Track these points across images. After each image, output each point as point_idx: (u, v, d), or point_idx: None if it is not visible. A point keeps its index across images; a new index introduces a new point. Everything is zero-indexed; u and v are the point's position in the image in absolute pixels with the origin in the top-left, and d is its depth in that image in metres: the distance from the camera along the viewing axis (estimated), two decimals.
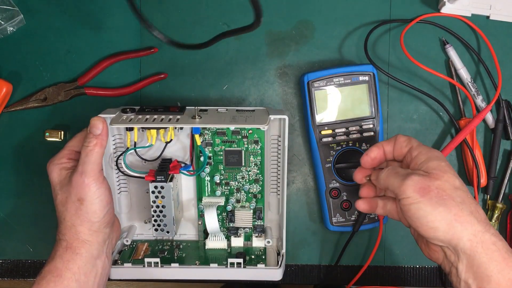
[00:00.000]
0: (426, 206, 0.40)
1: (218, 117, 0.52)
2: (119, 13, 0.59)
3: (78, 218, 0.48)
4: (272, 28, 0.60)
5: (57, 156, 0.51)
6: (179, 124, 0.50)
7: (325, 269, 0.62)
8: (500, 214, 0.60)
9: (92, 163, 0.48)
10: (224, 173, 0.57)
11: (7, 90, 0.57)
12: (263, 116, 0.52)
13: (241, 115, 0.53)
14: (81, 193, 0.47)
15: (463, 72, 0.59)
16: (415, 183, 0.41)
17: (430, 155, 0.43)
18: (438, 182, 0.41)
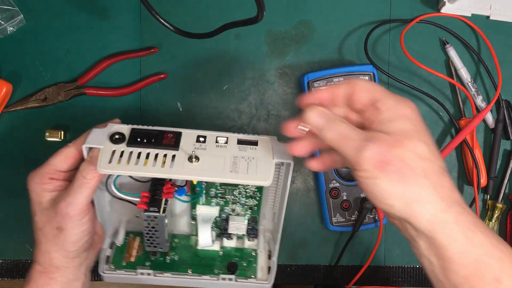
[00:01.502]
0: (383, 182, 0.34)
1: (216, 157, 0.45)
2: (119, 13, 0.59)
3: (55, 245, 0.45)
4: (272, 28, 0.60)
5: (38, 172, 0.46)
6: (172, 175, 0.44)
7: (325, 269, 0.62)
8: (500, 214, 0.60)
9: (83, 196, 0.44)
10: (220, 188, 0.53)
11: (7, 90, 0.57)
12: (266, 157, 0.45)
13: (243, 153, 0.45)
14: (63, 223, 0.44)
15: (463, 72, 0.60)
16: (374, 155, 0.34)
17: (397, 112, 0.36)
18: (400, 151, 0.34)
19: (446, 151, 0.59)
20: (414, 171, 0.34)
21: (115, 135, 0.45)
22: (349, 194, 0.58)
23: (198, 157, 0.44)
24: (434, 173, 0.34)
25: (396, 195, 0.34)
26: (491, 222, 0.60)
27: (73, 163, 0.46)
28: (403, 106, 0.36)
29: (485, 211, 0.61)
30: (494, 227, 0.60)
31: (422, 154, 0.34)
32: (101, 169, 0.43)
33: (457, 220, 0.34)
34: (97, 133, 0.45)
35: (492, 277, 0.33)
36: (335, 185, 0.58)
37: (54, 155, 0.46)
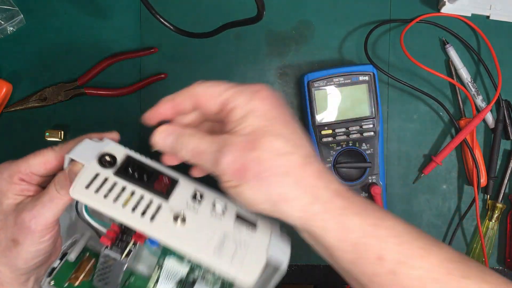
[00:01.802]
0: (246, 190, 0.32)
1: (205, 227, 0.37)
2: (119, 13, 0.59)
3: (3, 257, 0.38)
4: (272, 28, 0.60)
5: (9, 168, 0.40)
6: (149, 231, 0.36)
7: (325, 269, 0.62)
8: (500, 214, 0.60)
9: (51, 212, 0.37)
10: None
11: (7, 90, 0.57)
12: (259, 249, 0.38)
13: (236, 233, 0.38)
14: (20, 237, 0.37)
15: (463, 72, 0.59)
16: (230, 164, 0.32)
17: (248, 108, 0.33)
18: (255, 154, 0.32)
19: (446, 151, 0.59)
20: (273, 172, 0.32)
21: (106, 157, 0.38)
22: None
23: (185, 219, 0.37)
24: (296, 167, 0.32)
25: (261, 199, 0.33)
26: (491, 222, 0.60)
27: (52, 170, 0.40)
28: (254, 100, 0.33)
29: (485, 211, 0.61)
30: (494, 227, 0.60)
31: (279, 150, 0.32)
32: (73, 192, 0.36)
33: (326, 209, 0.33)
34: (88, 145, 0.39)
35: (374, 256, 0.32)
36: None
37: (34, 155, 0.40)
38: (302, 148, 0.33)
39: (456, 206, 0.62)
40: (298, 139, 0.33)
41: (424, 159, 0.61)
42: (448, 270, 0.31)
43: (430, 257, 0.32)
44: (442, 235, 0.62)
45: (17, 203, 0.38)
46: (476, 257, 0.60)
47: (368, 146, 0.57)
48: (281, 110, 0.34)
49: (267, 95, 0.34)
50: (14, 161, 0.40)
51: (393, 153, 0.61)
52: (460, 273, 0.31)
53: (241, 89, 0.34)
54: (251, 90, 0.34)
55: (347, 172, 0.58)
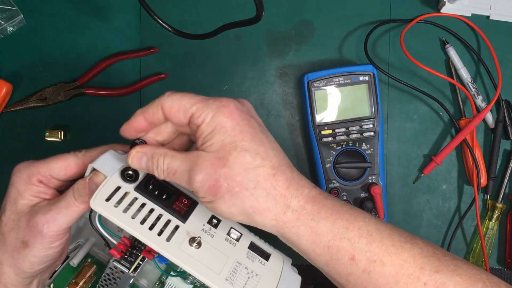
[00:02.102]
0: (220, 205, 0.34)
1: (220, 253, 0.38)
2: (118, 13, 0.59)
3: (11, 258, 0.38)
4: (272, 28, 0.60)
5: (29, 168, 0.39)
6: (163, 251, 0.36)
7: None
8: (500, 214, 0.60)
9: (66, 219, 0.37)
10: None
11: (7, 90, 0.57)
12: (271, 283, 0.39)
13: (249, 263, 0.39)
14: (31, 240, 0.37)
15: (463, 72, 0.59)
16: (203, 182, 0.33)
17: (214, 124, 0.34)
18: (225, 171, 0.33)
19: (446, 151, 0.59)
20: (244, 186, 0.33)
21: (128, 171, 0.38)
22: (349, 194, 0.58)
23: (201, 244, 0.37)
24: (265, 179, 0.34)
25: (236, 212, 0.34)
26: (491, 222, 0.60)
27: (72, 175, 0.40)
28: (219, 116, 0.34)
29: (485, 211, 0.61)
30: (494, 227, 0.60)
31: (247, 165, 0.33)
32: (94, 204, 0.36)
33: (297, 216, 0.34)
34: (111, 157, 0.39)
35: (346, 257, 0.34)
36: (335, 185, 0.58)
37: (55, 158, 0.40)
38: (270, 160, 0.34)
39: (456, 206, 0.62)
40: (265, 151, 0.34)
41: (424, 159, 0.61)
42: (421, 265, 0.33)
43: (402, 254, 0.33)
44: (442, 235, 0.62)
45: (32, 204, 0.38)
46: (476, 257, 0.60)
47: (368, 146, 0.57)
48: (247, 124, 0.34)
49: (232, 110, 0.34)
50: (34, 162, 0.40)
51: (393, 153, 0.61)
52: (432, 267, 0.32)
53: (206, 104, 0.34)
54: (216, 106, 0.34)
55: (347, 172, 0.58)
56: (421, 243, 0.34)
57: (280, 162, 0.35)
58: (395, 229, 0.35)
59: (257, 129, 0.35)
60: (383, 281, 0.33)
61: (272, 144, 0.35)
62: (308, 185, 0.35)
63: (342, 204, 0.35)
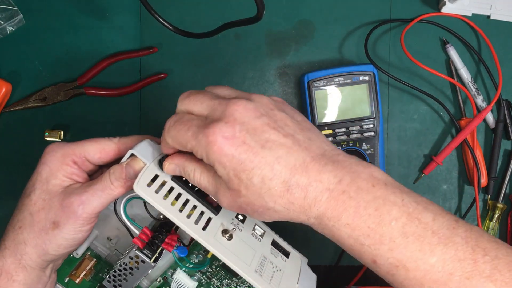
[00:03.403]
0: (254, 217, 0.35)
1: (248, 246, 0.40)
2: (118, 13, 0.59)
3: (37, 239, 0.37)
4: (272, 28, 0.60)
5: (63, 148, 0.39)
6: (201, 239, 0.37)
7: (325, 269, 0.62)
8: (500, 214, 0.60)
9: (100, 202, 0.38)
10: (214, 269, 0.45)
11: (6, 90, 0.57)
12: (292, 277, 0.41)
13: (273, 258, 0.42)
14: (63, 220, 0.37)
15: (464, 72, 0.59)
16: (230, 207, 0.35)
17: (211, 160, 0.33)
18: (243, 199, 0.33)
19: (446, 151, 0.59)
20: (265, 207, 0.33)
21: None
22: None
23: (232, 236, 0.39)
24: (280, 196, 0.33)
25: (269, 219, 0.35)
26: (491, 222, 0.60)
27: (106, 160, 0.40)
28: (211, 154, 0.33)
29: (485, 211, 0.61)
30: (494, 227, 0.60)
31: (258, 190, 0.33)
32: (138, 188, 0.36)
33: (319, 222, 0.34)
34: (149, 146, 0.39)
35: (369, 260, 0.33)
36: None
37: (91, 141, 0.39)
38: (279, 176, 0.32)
39: (456, 206, 0.62)
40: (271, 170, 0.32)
41: (425, 159, 0.61)
42: (450, 270, 0.31)
43: (429, 259, 0.31)
44: None
45: (65, 186, 0.38)
46: None
47: (368, 146, 0.57)
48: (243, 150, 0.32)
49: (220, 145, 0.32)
50: (68, 143, 0.39)
51: (393, 153, 0.61)
52: (463, 273, 0.31)
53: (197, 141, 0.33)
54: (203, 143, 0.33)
55: None
56: (460, 240, 0.31)
57: (291, 172, 0.32)
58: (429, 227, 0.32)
59: (255, 149, 0.32)
60: (407, 283, 0.32)
61: (278, 153, 0.33)
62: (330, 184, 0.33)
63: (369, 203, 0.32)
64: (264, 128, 0.33)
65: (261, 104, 0.35)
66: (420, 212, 0.32)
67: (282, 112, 0.35)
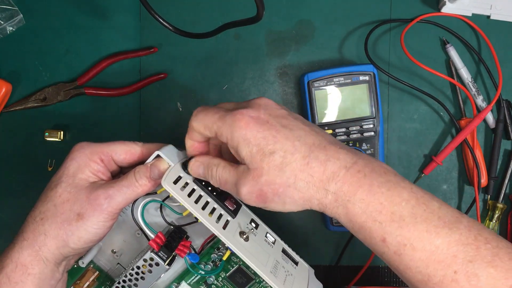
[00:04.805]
0: (272, 206, 0.37)
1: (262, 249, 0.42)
2: (118, 13, 0.59)
3: (59, 229, 0.38)
4: (272, 28, 0.60)
5: (92, 147, 0.41)
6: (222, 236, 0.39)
7: (325, 269, 0.62)
8: (500, 214, 0.60)
9: (125, 198, 0.40)
10: (220, 281, 0.46)
11: (6, 90, 0.57)
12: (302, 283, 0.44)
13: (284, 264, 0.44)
14: (88, 212, 0.38)
15: (464, 72, 0.59)
16: (250, 194, 0.36)
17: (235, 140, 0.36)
18: (264, 178, 0.35)
19: (446, 151, 0.59)
20: (286, 184, 0.35)
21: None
22: None
23: (248, 239, 0.41)
24: (301, 170, 0.35)
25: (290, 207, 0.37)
26: (491, 222, 0.60)
27: (129, 161, 0.42)
28: (235, 131, 0.36)
29: (485, 211, 0.61)
30: (494, 227, 0.60)
31: (280, 165, 0.35)
32: (165, 183, 0.39)
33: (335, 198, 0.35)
34: (173, 151, 0.42)
35: (379, 238, 0.34)
36: None
37: (118, 142, 0.42)
38: (299, 151, 0.35)
39: (456, 206, 0.62)
40: (292, 145, 0.35)
41: (425, 159, 0.61)
42: (454, 252, 0.32)
43: (435, 240, 0.33)
44: None
45: (91, 181, 0.40)
46: None
47: (368, 146, 0.57)
48: (267, 127, 0.36)
49: (247, 121, 0.36)
50: (96, 143, 0.42)
51: (393, 153, 0.61)
52: (466, 256, 0.32)
53: (224, 121, 0.36)
54: (231, 121, 0.36)
55: None
56: (463, 228, 0.33)
57: (310, 148, 0.35)
58: (436, 212, 0.34)
59: (278, 128, 0.36)
60: (413, 264, 0.33)
61: (298, 133, 0.36)
62: (347, 163, 0.35)
63: (382, 183, 0.35)
64: (285, 115, 0.37)
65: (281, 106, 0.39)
66: (427, 200, 0.34)
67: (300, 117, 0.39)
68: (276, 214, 0.61)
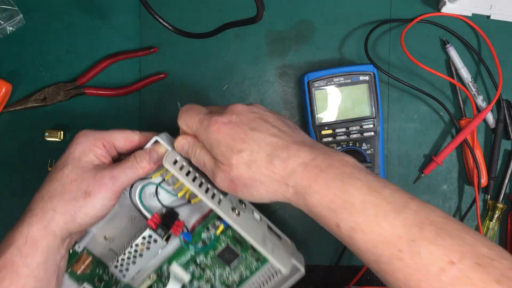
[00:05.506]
0: (242, 195, 0.41)
1: (252, 224, 0.47)
2: (118, 13, 0.59)
3: (67, 206, 0.42)
4: (272, 28, 0.60)
5: (95, 133, 0.45)
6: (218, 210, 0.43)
7: (325, 269, 0.62)
8: (500, 214, 0.60)
9: (128, 178, 0.44)
10: (208, 259, 0.51)
11: (6, 90, 0.57)
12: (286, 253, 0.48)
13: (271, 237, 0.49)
14: (95, 190, 0.42)
15: (464, 72, 0.59)
16: (222, 182, 0.41)
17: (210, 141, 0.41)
18: (234, 172, 0.40)
19: (446, 151, 0.59)
20: (253, 179, 0.40)
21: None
22: None
23: (240, 214, 0.46)
24: (265, 167, 0.39)
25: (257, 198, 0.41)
26: (491, 222, 0.60)
27: (128, 148, 0.47)
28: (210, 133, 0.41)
29: (485, 211, 0.61)
30: (494, 227, 0.60)
31: (247, 162, 0.40)
32: (166, 163, 0.44)
33: (295, 191, 0.39)
34: (168, 137, 0.47)
35: (333, 225, 0.38)
36: None
37: (118, 130, 0.46)
38: (264, 150, 0.40)
39: (456, 206, 0.62)
40: (258, 145, 0.40)
41: (425, 159, 0.61)
42: (399, 234, 0.35)
43: (383, 223, 0.36)
44: None
45: (95, 164, 0.44)
46: None
47: (368, 146, 0.57)
48: (237, 131, 0.40)
49: (219, 126, 0.41)
50: (98, 130, 0.46)
51: (393, 153, 0.61)
52: (409, 237, 0.35)
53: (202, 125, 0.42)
54: (205, 126, 0.41)
55: None
56: (410, 211, 0.36)
57: (274, 148, 0.40)
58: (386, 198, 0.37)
59: (246, 131, 0.40)
60: (364, 246, 0.36)
61: (265, 135, 0.40)
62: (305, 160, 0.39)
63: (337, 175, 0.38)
64: (255, 119, 0.41)
65: (256, 107, 0.43)
66: (380, 188, 0.37)
67: (273, 114, 0.43)
68: (276, 214, 0.61)
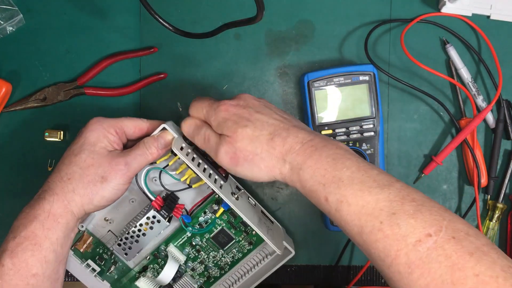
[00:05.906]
0: (242, 170, 0.44)
1: (248, 208, 0.52)
2: (118, 13, 0.59)
3: (85, 189, 0.46)
4: (272, 28, 0.60)
5: (107, 120, 0.49)
6: (221, 194, 0.48)
7: (325, 269, 0.62)
8: (500, 214, 0.60)
9: (139, 164, 0.48)
10: (203, 242, 0.55)
11: (6, 90, 0.57)
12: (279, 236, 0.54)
13: (265, 221, 0.54)
14: (111, 175, 0.46)
15: (464, 72, 0.59)
16: (226, 154, 0.44)
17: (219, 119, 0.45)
18: (238, 145, 0.43)
19: (446, 151, 0.59)
20: (254, 152, 0.43)
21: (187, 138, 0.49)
22: None
23: (238, 199, 0.51)
24: (266, 143, 0.43)
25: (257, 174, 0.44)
26: (491, 222, 0.60)
27: (137, 135, 0.50)
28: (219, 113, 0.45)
29: (485, 211, 0.61)
30: (494, 227, 0.60)
31: (251, 136, 0.43)
32: (175, 148, 0.47)
33: (291, 167, 0.43)
34: (174, 125, 0.50)
35: (323, 198, 0.41)
36: None
37: (128, 118, 0.50)
38: (267, 129, 0.44)
39: (456, 206, 0.62)
40: (261, 124, 0.44)
41: (425, 159, 0.61)
42: (381, 207, 0.38)
43: (367, 197, 0.38)
44: None
45: (109, 150, 0.48)
46: None
47: (368, 146, 0.57)
48: (243, 111, 0.45)
49: (227, 106, 0.45)
50: (110, 118, 0.49)
51: (393, 153, 0.61)
52: (390, 210, 0.37)
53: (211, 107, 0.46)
54: (215, 107, 0.45)
55: None
56: (394, 189, 0.39)
57: (276, 128, 0.44)
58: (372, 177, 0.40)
59: (252, 112, 0.45)
60: (349, 218, 0.39)
61: (268, 117, 0.45)
62: (303, 139, 0.43)
63: (329, 155, 0.41)
64: (261, 105, 0.46)
65: (262, 99, 0.48)
66: (368, 168, 0.41)
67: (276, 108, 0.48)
68: (276, 214, 0.61)
